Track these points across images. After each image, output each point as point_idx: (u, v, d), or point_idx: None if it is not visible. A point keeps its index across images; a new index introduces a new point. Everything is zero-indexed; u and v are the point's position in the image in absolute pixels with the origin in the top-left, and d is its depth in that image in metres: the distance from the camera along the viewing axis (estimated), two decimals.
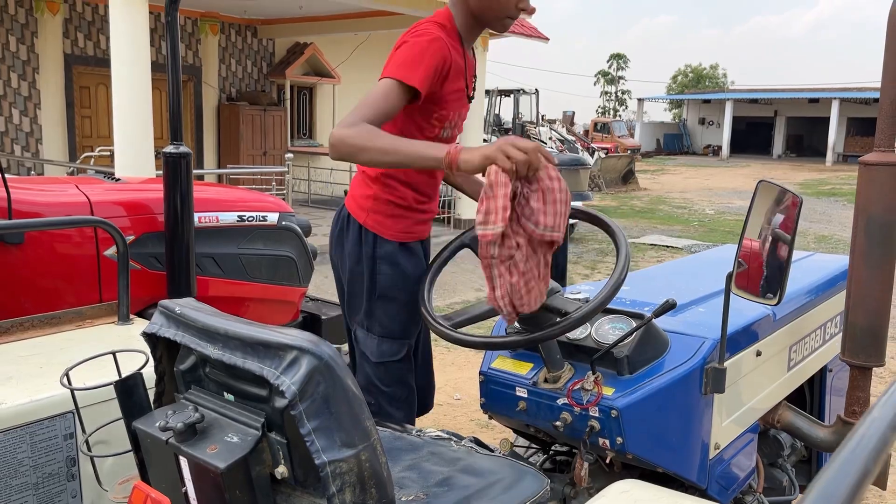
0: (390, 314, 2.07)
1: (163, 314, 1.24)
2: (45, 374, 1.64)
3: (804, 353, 2.55)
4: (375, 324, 2.09)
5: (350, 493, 1.06)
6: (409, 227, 2.14)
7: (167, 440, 1.14)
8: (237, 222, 3.90)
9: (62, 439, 1.52)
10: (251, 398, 1.17)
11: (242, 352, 1.10)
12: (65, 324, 1.94)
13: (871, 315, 2.20)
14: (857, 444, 0.60)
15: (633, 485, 1.25)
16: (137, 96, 7.67)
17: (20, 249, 3.12)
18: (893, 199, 2.15)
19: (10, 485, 1.44)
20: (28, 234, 3.12)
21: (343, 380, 1.06)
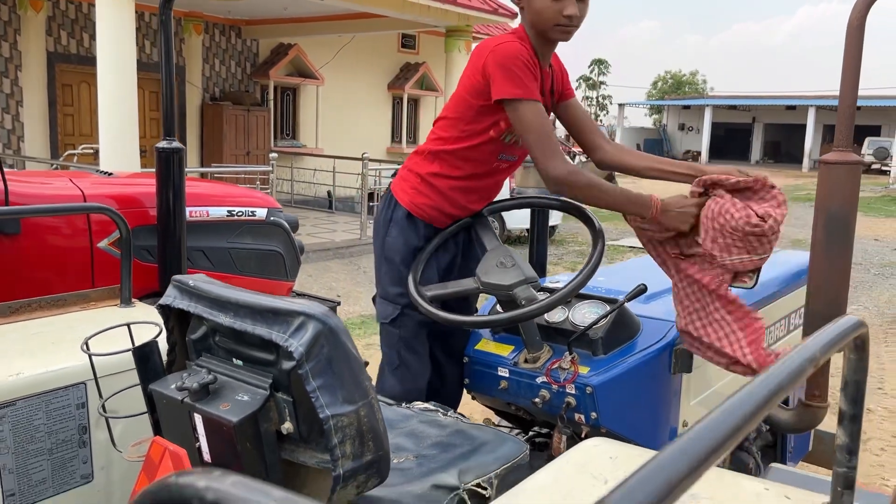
0: (388, 275, 2.22)
1: (176, 287, 1.36)
2: (56, 349, 1.75)
3: (769, 342, 2.70)
4: (379, 284, 2.26)
5: (350, 445, 1.18)
6: (427, 206, 2.22)
7: (183, 399, 1.26)
8: (226, 217, 3.99)
9: (75, 408, 1.62)
10: (259, 362, 1.28)
11: (252, 319, 1.22)
12: (70, 305, 2.05)
13: (829, 303, 2.35)
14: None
15: (601, 441, 1.38)
16: (123, 94, 7.73)
17: (16, 240, 3.20)
18: (850, 194, 2.30)
19: (27, 449, 1.55)
20: (24, 224, 3.20)
21: (345, 343, 1.19)
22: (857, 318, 0.97)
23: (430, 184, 2.21)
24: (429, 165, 2.22)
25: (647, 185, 4.57)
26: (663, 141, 46.88)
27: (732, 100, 44.49)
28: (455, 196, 2.23)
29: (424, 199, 2.22)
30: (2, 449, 1.50)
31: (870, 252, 12.56)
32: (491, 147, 2.16)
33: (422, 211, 2.22)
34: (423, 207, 2.22)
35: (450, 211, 2.25)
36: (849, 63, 2.29)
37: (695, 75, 62.22)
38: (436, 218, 2.25)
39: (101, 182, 3.76)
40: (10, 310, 1.93)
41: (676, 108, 47.81)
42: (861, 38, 2.27)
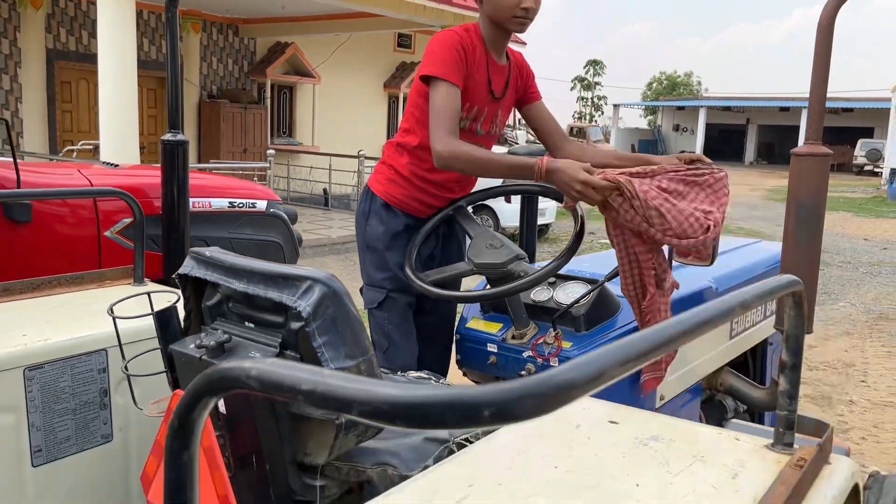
0: (373, 263, 2.34)
1: (193, 258, 1.50)
2: (79, 320, 1.89)
3: (745, 326, 2.85)
4: (364, 273, 2.38)
5: None
6: (402, 195, 2.32)
7: (201, 357, 1.39)
8: (228, 208, 4.13)
9: (97, 373, 1.76)
10: (268, 325, 1.42)
11: (265, 284, 1.36)
12: (88, 283, 2.19)
13: None
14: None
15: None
16: (123, 91, 7.85)
17: (27, 227, 3.34)
18: (819, 185, 2.45)
19: (53, 409, 1.68)
20: (35, 212, 3.33)
21: (347, 305, 1.33)
22: (794, 277, 1.11)
23: (402, 175, 2.31)
24: (399, 157, 2.33)
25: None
26: (658, 142, 47.08)
27: (727, 101, 44.73)
28: (427, 186, 2.32)
29: (399, 189, 2.32)
30: (31, 408, 1.64)
31: (859, 251, 12.75)
32: None
33: (398, 200, 2.32)
34: (398, 197, 2.32)
35: (425, 199, 2.34)
36: (818, 63, 2.44)
37: (690, 76, 62.48)
38: (412, 207, 2.33)
39: (108, 173, 3.89)
40: (33, 286, 2.07)
41: (671, 109, 48.04)
42: (830, 39, 2.42)
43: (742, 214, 17.57)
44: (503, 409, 0.52)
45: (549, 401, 0.54)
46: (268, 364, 0.59)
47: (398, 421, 0.52)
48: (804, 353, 3.72)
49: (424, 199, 2.34)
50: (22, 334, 1.71)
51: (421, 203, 2.34)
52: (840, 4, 2.45)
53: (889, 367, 6.23)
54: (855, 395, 5.53)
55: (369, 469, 1.46)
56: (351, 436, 1.37)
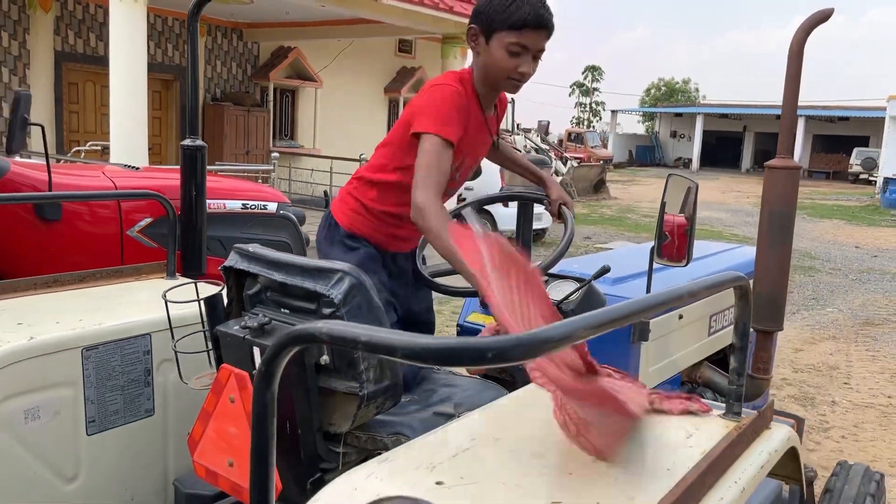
0: None
1: (237, 253, 1.74)
2: (125, 307, 2.13)
3: (723, 324, 3.10)
4: None
5: (373, 372, 1.56)
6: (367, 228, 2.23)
7: (244, 336, 1.63)
8: (241, 209, 4.37)
9: (142, 354, 1.99)
10: (302, 311, 1.66)
11: (302, 275, 1.60)
12: (126, 276, 2.43)
13: (772, 288, 2.75)
14: None
15: None
16: (133, 94, 8.09)
17: (57, 225, 3.58)
18: (790, 194, 2.70)
19: (106, 385, 1.92)
20: (64, 211, 3.57)
21: (371, 294, 1.57)
22: (739, 273, 1.35)
23: (368, 209, 2.22)
24: (368, 191, 2.22)
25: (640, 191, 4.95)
26: (655, 148, 47.43)
27: (724, 108, 45.09)
28: (391, 225, 2.23)
29: (364, 222, 2.23)
30: (87, 383, 1.88)
31: (850, 258, 13.02)
32: None
33: (362, 233, 2.23)
34: (362, 230, 2.23)
35: (390, 232, 2.25)
36: (790, 82, 2.69)
37: (687, 83, 62.85)
38: (377, 239, 2.24)
39: (130, 175, 4.14)
40: (79, 278, 2.31)
41: (668, 116, 48.39)
42: (800, 61, 2.66)
43: (736, 221, 17.85)
44: (500, 353, 0.76)
45: (533, 349, 0.79)
46: (334, 323, 0.82)
47: (429, 360, 0.76)
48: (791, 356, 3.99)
49: (387, 231, 2.26)
50: (78, 319, 1.95)
51: (385, 236, 2.26)
52: (810, 31, 2.69)
53: (872, 370, 6.48)
54: (837, 396, 5.77)
55: (385, 437, 1.70)
56: (371, 406, 1.61)
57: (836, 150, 39.94)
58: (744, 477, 1.21)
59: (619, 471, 1.19)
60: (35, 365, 1.77)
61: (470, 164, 2.28)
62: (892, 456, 4.58)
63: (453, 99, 2.05)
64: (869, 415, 5.37)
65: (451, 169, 2.10)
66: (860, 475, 2.55)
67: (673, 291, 1.13)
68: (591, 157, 33.83)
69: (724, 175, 37.48)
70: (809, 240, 14.88)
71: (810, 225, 17.69)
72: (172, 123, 14.00)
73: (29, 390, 1.77)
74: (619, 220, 17.09)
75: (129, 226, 3.82)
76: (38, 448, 1.80)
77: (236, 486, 1.60)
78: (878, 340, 7.46)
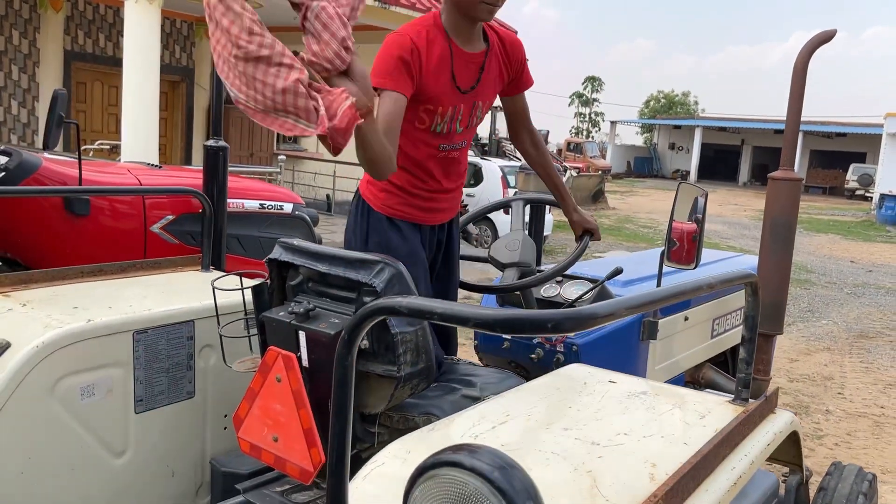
0: None
1: (281, 246, 1.88)
2: (167, 296, 2.26)
3: (726, 327, 3.24)
4: None
5: (410, 355, 1.70)
6: (399, 204, 2.20)
7: (290, 321, 1.76)
8: (259, 209, 4.51)
9: (185, 339, 2.13)
10: (342, 300, 1.80)
11: (345, 267, 1.73)
12: (164, 268, 2.57)
13: (773, 293, 2.90)
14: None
15: (578, 367, 1.91)
16: (146, 94, 8.23)
17: (85, 220, 3.71)
18: (791, 204, 2.85)
19: (152, 367, 2.06)
20: (92, 206, 3.70)
21: (409, 283, 1.71)
22: (751, 272, 1.49)
23: (394, 183, 2.18)
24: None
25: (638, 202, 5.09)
26: (653, 159, 47.66)
27: (722, 121, 45.36)
28: (419, 192, 2.21)
29: (395, 198, 2.20)
30: (137, 364, 2.01)
31: (845, 272, 13.19)
32: (426, 140, 2.16)
33: (395, 211, 2.20)
34: (395, 207, 2.20)
35: (421, 205, 2.23)
36: (794, 99, 2.84)
37: (687, 96, 63.16)
38: (411, 214, 2.21)
39: (154, 173, 4.27)
40: (121, 268, 2.45)
41: (667, 128, 48.65)
42: (804, 80, 2.82)
43: (734, 233, 18.02)
44: (557, 324, 0.90)
45: (582, 322, 0.93)
46: (412, 298, 0.96)
47: (497, 328, 0.90)
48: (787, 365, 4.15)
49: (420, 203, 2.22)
50: (129, 305, 2.09)
51: (417, 209, 2.23)
52: (813, 51, 2.85)
53: (865, 381, 6.62)
54: (832, 405, 5.90)
55: (417, 417, 1.84)
56: (407, 388, 1.74)
57: (833, 166, 40.23)
58: (752, 452, 1.35)
59: (642, 442, 1.33)
60: (92, 346, 1.90)
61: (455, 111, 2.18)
62: (883, 463, 4.72)
63: (393, 47, 2.02)
64: (862, 424, 5.50)
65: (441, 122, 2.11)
66: (853, 475, 2.68)
67: (694, 283, 1.27)
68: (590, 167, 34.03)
69: (722, 188, 37.66)
70: (806, 253, 15.05)
71: (807, 239, 17.87)
72: (179, 124, 14.14)
73: (85, 369, 1.91)
74: (617, 229, 17.25)
75: (153, 222, 3.96)
76: (92, 424, 1.94)
77: (280, 459, 1.73)
78: (872, 353, 7.61)
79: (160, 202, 3.97)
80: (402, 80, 1.99)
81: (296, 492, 1.84)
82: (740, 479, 1.28)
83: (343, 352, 1.01)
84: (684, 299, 1.15)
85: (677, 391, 1.72)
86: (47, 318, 1.93)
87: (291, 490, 1.85)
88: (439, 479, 0.94)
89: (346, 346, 1.00)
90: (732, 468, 1.27)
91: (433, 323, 2.73)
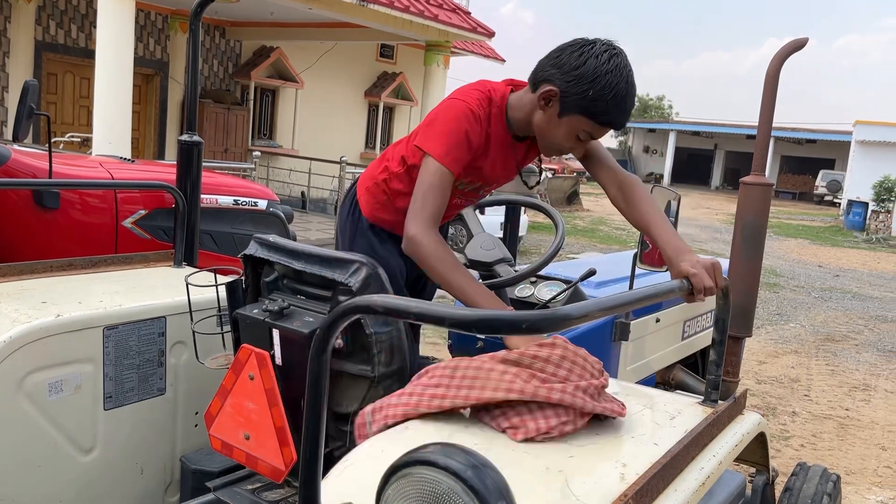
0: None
1: (257, 242, 1.87)
2: (138, 292, 2.24)
3: (696, 329, 3.28)
4: None
5: (384, 355, 1.70)
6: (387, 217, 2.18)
7: (264, 319, 1.76)
8: (233, 205, 4.48)
9: (156, 336, 2.11)
10: (317, 298, 1.79)
11: (320, 265, 1.73)
12: (135, 263, 2.54)
13: (742, 296, 2.93)
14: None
15: None
16: (119, 88, 8.12)
17: (55, 214, 3.66)
18: (762, 209, 2.89)
19: (123, 363, 2.03)
20: (63, 200, 3.65)
21: (385, 283, 1.71)
22: (724, 276, 1.51)
23: (393, 203, 2.14)
24: (398, 183, 2.12)
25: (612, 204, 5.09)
26: (628, 162, 48.01)
27: (696, 126, 45.85)
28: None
29: (388, 214, 2.17)
30: (106, 360, 1.99)
31: (813, 277, 13.40)
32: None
33: (384, 223, 2.19)
34: (385, 219, 2.19)
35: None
36: (765, 106, 2.88)
37: (661, 100, 63.72)
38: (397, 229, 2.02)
39: (127, 167, 4.22)
40: (92, 262, 2.42)
41: (642, 131, 49.06)
42: (776, 86, 2.86)
43: (706, 237, 18.23)
44: (532, 325, 0.91)
45: (557, 323, 0.94)
46: (388, 297, 0.96)
47: (473, 329, 0.90)
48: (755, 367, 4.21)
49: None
50: (99, 300, 2.06)
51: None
52: (785, 58, 2.89)
53: (831, 383, 6.73)
54: (798, 407, 6.00)
55: None
56: (381, 388, 1.74)
57: (803, 172, 40.86)
58: (721, 452, 1.37)
59: (612, 443, 1.34)
60: (61, 341, 1.88)
61: (489, 188, 2.21)
62: (848, 464, 4.81)
63: (464, 122, 1.89)
64: (827, 426, 5.60)
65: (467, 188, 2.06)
66: (818, 476, 2.73)
67: (665, 285, 1.28)
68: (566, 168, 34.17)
69: (695, 192, 38.08)
70: (775, 257, 15.27)
71: (776, 243, 18.13)
72: (152, 118, 13.99)
73: (54, 365, 1.88)
74: (591, 231, 17.37)
75: (125, 217, 3.91)
76: (60, 420, 1.91)
77: (251, 458, 1.73)
78: (838, 356, 7.75)
79: (132, 197, 3.92)
80: (461, 162, 1.90)
81: (267, 490, 1.84)
82: (709, 479, 1.30)
83: (318, 350, 1.00)
84: (656, 301, 1.17)
85: (648, 392, 1.74)
86: (15, 312, 1.90)
87: (263, 488, 1.85)
88: (412, 478, 0.95)
89: (321, 344, 1.00)
90: (701, 468, 1.29)
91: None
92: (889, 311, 10.57)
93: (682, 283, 1.50)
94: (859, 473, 4.65)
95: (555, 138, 1.95)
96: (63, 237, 3.69)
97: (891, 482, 4.53)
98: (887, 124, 27.39)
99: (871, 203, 23.51)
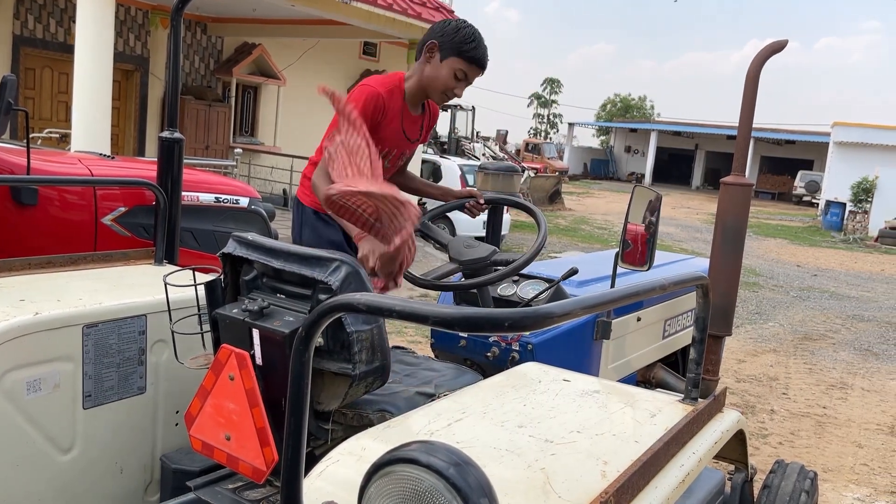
0: None
1: (236, 241, 1.85)
2: (119, 290, 2.21)
3: (677, 329, 3.30)
4: None
5: (365, 354, 1.70)
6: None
7: (244, 319, 1.74)
8: (214, 203, 4.44)
9: (137, 334, 2.09)
10: (297, 297, 1.78)
11: (300, 263, 1.72)
12: (115, 261, 2.52)
13: (722, 295, 2.96)
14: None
15: (533, 365, 1.93)
16: (99, 84, 8.03)
17: (33, 210, 3.61)
18: (742, 208, 2.92)
19: (102, 361, 2.01)
20: (41, 196, 3.61)
21: (365, 281, 1.70)
22: (703, 274, 1.53)
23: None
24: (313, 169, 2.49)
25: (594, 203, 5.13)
26: (609, 162, 48.26)
27: (677, 126, 46.14)
28: None
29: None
30: (86, 359, 1.97)
31: (791, 276, 13.53)
32: None
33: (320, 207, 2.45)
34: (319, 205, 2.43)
35: None
36: (746, 106, 2.91)
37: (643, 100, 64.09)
38: None
39: (106, 164, 4.18)
40: (71, 260, 2.39)
41: (624, 131, 49.30)
42: (756, 87, 2.89)
43: (685, 236, 18.35)
44: (515, 323, 0.91)
45: (539, 321, 0.94)
46: (371, 295, 0.96)
47: (456, 327, 0.91)
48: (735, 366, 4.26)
49: None
50: (78, 298, 2.04)
51: None
52: (765, 60, 2.92)
53: (808, 382, 6.81)
54: (776, 405, 6.06)
55: (371, 414, 1.84)
56: (361, 386, 1.74)
57: (782, 172, 41.25)
58: (700, 450, 1.38)
59: (594, 440, 1.35)
60: (39, 339, 1.86)
61: (396, 154, 2.65)
62: (825, 462, 4.86)
63: (368, 100, 2.45)
64: (805, 424, 5.66)
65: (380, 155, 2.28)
66: (796, 473, 2.76)
67: (647, 284, 1.29)
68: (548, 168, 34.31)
69: (675, 191, 38.30)
70: (755, 257, 15.41)
71: (756, 243, 18.29)
72: (132, 114, 13.85)
73: (32, 363, 1.86)
74: (573, 230, 17.43)
75: (104, 214, 3.87)
76: (38, 419, 1.89)
77: (232, 458, 1.72)
78: (816, 354, 7.83)
79: (112, 193, 3.88)
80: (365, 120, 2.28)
81: (248, 489, 1.83)
82: (688, 477, 1.31)
83: (300, 348, 1.00)
84: (637, 300, 1.18)
85: (629, 390, 1.75)
86: None
87: (244, 487, 1.84)
88: (395, 476, 0.95)
89: (303, 343, 1.00)
90: (681, 465, 1.30)
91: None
92: (865, 311, 10.70)
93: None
94: (836, 471, 4.70)
95: (440, 80, 2.53)
96: (41, 234, 3.64)
97: (867, 479, 4.59)
98: (865, 126, 27.72)
99: (848, 204, 23.79)
